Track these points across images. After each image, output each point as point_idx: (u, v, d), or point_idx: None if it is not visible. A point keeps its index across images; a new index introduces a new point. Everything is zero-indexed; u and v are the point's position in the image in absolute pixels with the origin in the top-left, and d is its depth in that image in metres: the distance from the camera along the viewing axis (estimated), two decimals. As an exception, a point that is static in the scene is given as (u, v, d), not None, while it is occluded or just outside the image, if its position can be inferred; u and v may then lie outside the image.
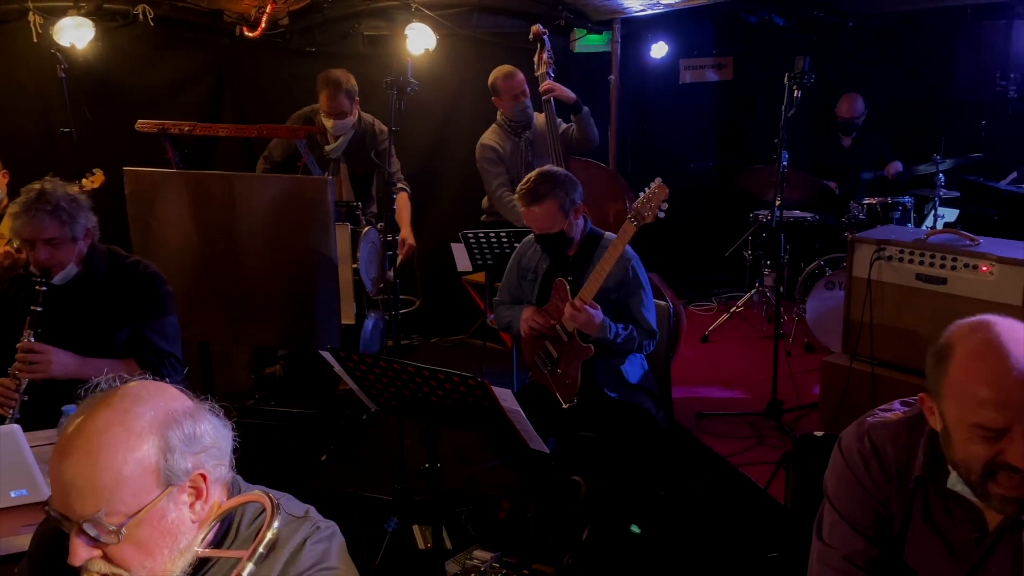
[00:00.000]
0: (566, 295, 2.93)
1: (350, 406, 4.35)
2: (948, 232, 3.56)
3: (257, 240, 3.67)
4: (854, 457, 1.58)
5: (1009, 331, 1.33)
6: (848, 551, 1.57)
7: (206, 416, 1.30)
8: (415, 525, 3.27)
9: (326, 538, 1.34)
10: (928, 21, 6.36)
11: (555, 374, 3.01)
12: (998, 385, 1.29)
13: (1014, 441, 1.29)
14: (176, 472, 1.23)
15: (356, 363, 2.35)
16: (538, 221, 2.97)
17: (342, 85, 4.22)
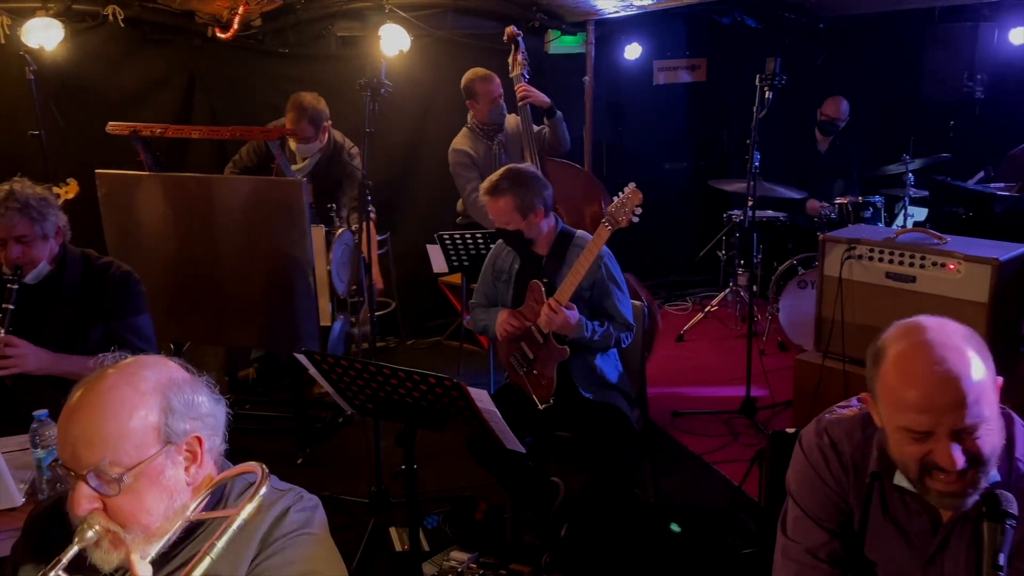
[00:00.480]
0: (541, 297, 2.94)
1: (325, 409, 4.33)
2: (917, 231, 3.62)
3: (234, 242, 3.65)
4: (814, 453, 1.62)
5: (938, 334, 1.36)
6: (810, 544, 1.61)
7: (203, 389, 1.41)
8: (392, 527, 3.27)
9: (309, 508, 1.44)
10: (897, 23, 6.46)
11: (531, 375, 3.02)
12: (922, 389, 1.32)
13: (939, 442, 1.33)
14: (175, 431, 1.33)
15: (331, 365, 2.35)
16: (495, 214, 3.00)
17: (307, 111, 4.18)
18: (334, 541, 1.49)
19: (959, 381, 1.31)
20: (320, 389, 4.53)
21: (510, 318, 3.03)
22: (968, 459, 1.32)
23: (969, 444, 1.33)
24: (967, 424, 1.31)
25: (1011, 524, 1.25)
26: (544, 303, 2.90)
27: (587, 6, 5.37)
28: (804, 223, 5.54)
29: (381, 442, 3.42)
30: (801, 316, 4.85)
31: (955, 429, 1.32)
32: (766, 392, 4.37)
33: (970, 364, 1.33)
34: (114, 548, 1.29)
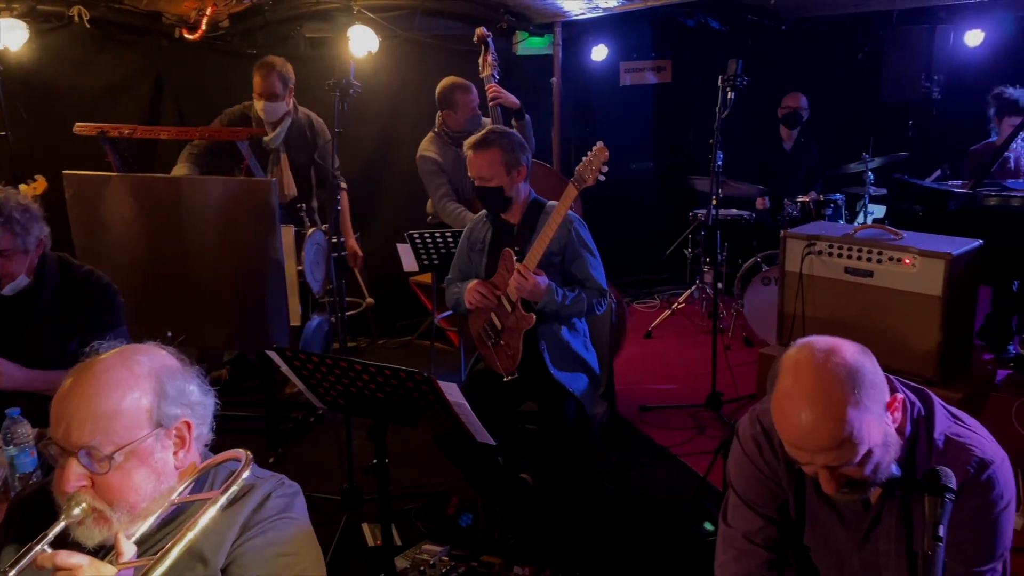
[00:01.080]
0: (512, 264, 2.97)
1: (297, 409, 4.35)
2: (875, 227, 3.72)
3: (203, 243, 3.66)
4: (748, 442, 1.71)
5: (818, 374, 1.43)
6: (747, 530, 1.69)
7: (195, 378, 1.46)
8: (364, 523, 3.30)
9: (290, 494, 1.50)
10: (856, 25, 6.61)
11: (498, 346, 3.06)
12: (795, 433, 1.43)
13: (819, 472, 1.45)
14: (167, 415, 1.38)
15: (303, 362, 2.38)
16: (479, 169, 3.01)
17: (275, 67, 4.21)
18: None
19: (827, 428, 1.40)
20: (292, 389, 4.57)
21: (479, 286, 3.07)
22: (846, 483, 1.43)
23: (848, 472, 1.43)
24: (836, 464, 1.42)
25: (950, 498, 1.33)
26: (514, 270, 2.94)
27: (554, 8, 5.44)
28: (768, 221, 5.66)
29: (353, 440, 3.46)
30: (765, 311, 4.96)
31: (827, 465, 1.42)
32: (731, 386, 4.46)
33: (842, 412, 1.40)
34: (98, 525, 1.33)
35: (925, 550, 1.27)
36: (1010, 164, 4.89)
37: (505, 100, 4.33)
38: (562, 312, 3.00)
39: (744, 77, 4.01)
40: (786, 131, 5.98)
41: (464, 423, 2.37)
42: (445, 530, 3.31)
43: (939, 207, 4.31)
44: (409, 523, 3.38)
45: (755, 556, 1.67)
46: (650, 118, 6.86)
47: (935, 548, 1.26)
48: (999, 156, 4.50)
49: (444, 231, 3.87)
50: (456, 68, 4.91)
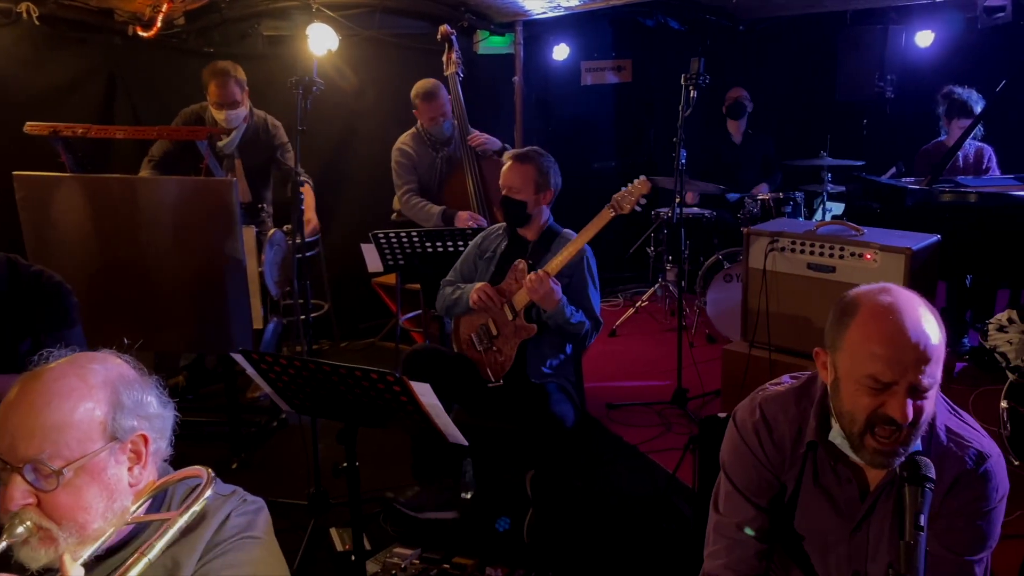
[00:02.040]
0: (521, 275, 3.02)
1: (259, 413, 4.27)
2: (836, 224, 3.78)
3: (162, 244, 3.57)
4: (747, 430, 1.68)
5: (907, 300, 1.47)
6: (740, 519, 1.68)
7: (153, 389, 1.37)
8: (332, 528, 3.25)
9: (252, 511, 1.41)
10: (812, 25, 6.71)
11: (490, 351, 3.09)
12: (894, 343, 1.42)
13: (896, 395, 1.42)
14: (122, 428, 1.29)
15: (269, 364, 2.33)
16: (511, 179, 3.10)
17: (231, 73, 4.15)
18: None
19: (929, 340, 1.42)
20: (253, 393, 4.49)
21: (487, 287, 3.11)
22: (913, 416, 1.42)
23: (919, 402, 1.43)
24: (924, 383, 1.41)
25: (930, 487, 1.34)
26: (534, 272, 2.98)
27: (515, 7, 5.43)
28: (729, 219, 5.72)
29: (319, 443, 3.40)
30: (727, 308, 5.01)
31: (913, 384, 1.41)
32: (696, 383, 4.49)
33: (935, 329, 1.44)
34: (43, 546, 1.24)
35: (907, 539, 1.27)
36: (959, 162, 5.01)
37: (490, 147, 4.35)
38: (565, 328, 3.05)
39: (706, 76, 4.04)
40: (733, 124, 6.10)
41: (437, 424, 2.34)
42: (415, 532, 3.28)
43: (896, 204, 4.40)
44: (378, 526, 3.34)
45: (747, 546, 1.66)
46: (611, 117, 6.89)
47: (917, 538, 1.27)
48: (952, 155, 4.60)
49: (410, 231, 3.83)
50: (417, 66, 4.88)
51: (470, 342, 3.15)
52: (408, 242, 3.80)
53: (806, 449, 1.61)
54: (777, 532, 1.68)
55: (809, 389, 1.65)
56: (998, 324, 2.74)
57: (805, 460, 1.63)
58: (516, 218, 3.16)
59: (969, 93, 4.82)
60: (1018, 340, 2.67)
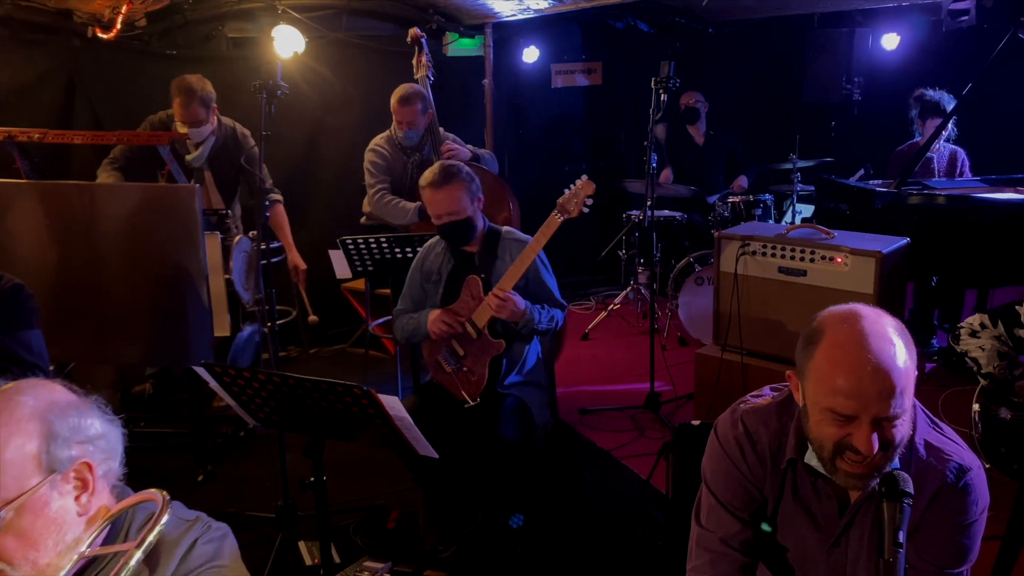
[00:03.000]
0: (479, 292, 2.96)
1: (227, 423, 4.19)
2: (806, 227, 3.78)
3: (121, 253, 3.48)
4: (730, 443, 1.65)
5: (873, 325, 1.42)
6: (724, 533, 1.65)
7: (93, 411, 1.31)
8: (301, 541, 3.18)
9: (218, 538, 1.36)
10: (779, 28, 6.76)
11: (460, 372, 3.02)
12: (855, 377, 1.38)
13: (861, 428, 1.39)
14: (59, 459, 1.23)
15: (233, 377, 2.26)
16: (445, 206, 2.96)
17: (196, 92, 4.03)
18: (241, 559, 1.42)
19: (889, 373, 1.37)
20: (220, 402, 4.39)
21: (444, 315, 3.01)
22: (881, 444, 1.39)
23: (886, 431, 1.39)
24: (889, 414, 1.38)
25: (908, 503, 1.32)
26: (481, 298, 2.92)
27: (484, 9, 5.39)
28: (700, 222, 5.72)
29: (286, 454, 3.32)
30: (699, 312, 5.01)
31: (877, 417, 1.38)
32: (669, 386, 4.48)
33: (901, 358, 1.39)
34: None
35: (886, 557, 1.25)
36: (933, 165, 5.05)
37: (459, 156, 4.30)
38: (537, 330, 3.00)
39: (676, 79, 4.03)
40: (692, 128, 6.10)
41: (406, 437, 2.29)
42: (386, 545, 3.22)
43: (865, 206, 4.41)
44: (347, 539, 3.28)
45: (731, 560, 1.64)
46: (582, 120, 6.87)
47: (896, 555, 1.24)
48: (922, 156, 4.63)
49: (378, 236, 3.77)
50: (386, 69, 4.83)
51: (438, 366, 3.09)
52: (377, 248, 3.74)
53: (786, 465, 1.59)
54: (763, 544, 1.65)
55: (790, 404, 1.62)
56: (970, 329, 2.73)
57: (785, 475, 1.60)
58: (465, 238, 3.06)
59: (940, 94, 4.86)
60: (990, 346, 2.66)
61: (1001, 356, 2.67)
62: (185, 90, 4.02)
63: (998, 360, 2.67)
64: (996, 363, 2.66)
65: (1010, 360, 2.67)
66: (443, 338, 3.04)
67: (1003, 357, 2.67)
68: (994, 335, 2.64)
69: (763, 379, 3.51)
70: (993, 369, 2.65)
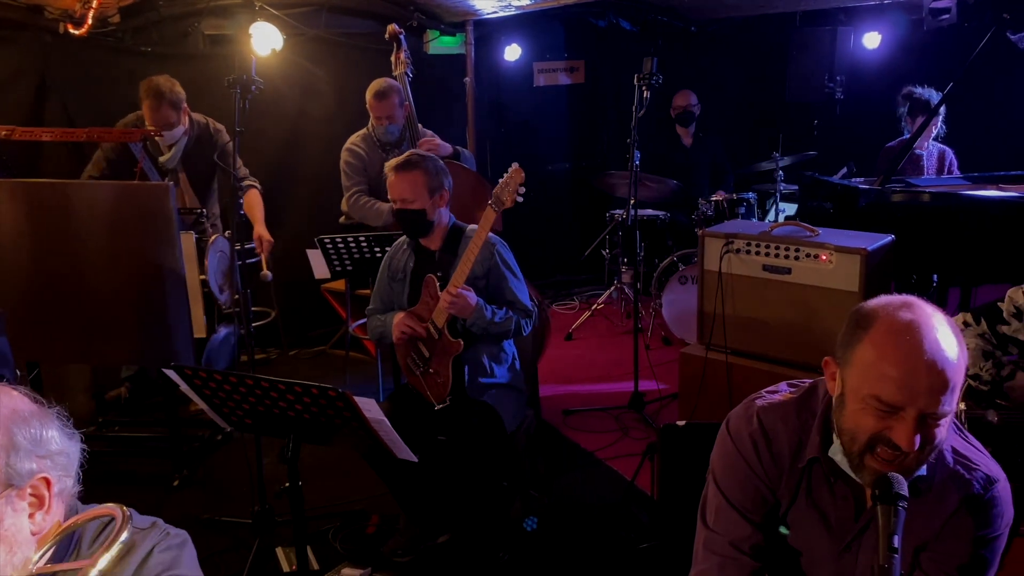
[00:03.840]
0: (436, 291, 2.89)
1: (202, 427, 4.11)
2: (790, 225, 3.74)
3: (95, 252, 3.41)
4: (743, 440, 1.56)
5: (929, 318, 1.35)
6: (734, 537, 1.55)
7: (54, 422, 1.24)
8: (278, 547, 3.11)
9: (176, 545, 1.30)
10: (762, 27, 6.73)
11: (427, 374, 2.96)
12: (908, 366, 1.31)
13: (904, 421, 1.32)
14: (18, 473, 1.17)
15: (204, 380, 2.19)
16: (401, 191, 2.91)
17: (165, 96, 3.93)
18: (217, 566, 1.36)
19: (945, 370, 1.30)
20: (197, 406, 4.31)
21: (406, 319, 2.96)
22: (921, 443, 1.32)
23: (929, 429, 1.33)
24: (937, 411, 1.31)
25: (903, 506, 1.26)
26: (438, 297, 2.87)
27: (465, 6, 5.33)
28: (683, 221, 5.69)
29: (264, 459, 3.25)
30: (683, 311, 4.97)
31: (924, 412, 1.31)
32: (654, 386, 4.44)
33: (957, 356, 1.33)
34: None
35: (880, 563, 1.19)
36: (922, 163, 5.03)
37: (437, 151, 4.24)
38: (491, 330, 2.93)
39: (659, 75, 3.99)
40: (682, 129, 6.07)
41: (383, 440, 2.23)
42: (365, 550, 3.15)
43: (849, 204, 4.39)
44: (327, 544, 3.21)
45: (741, 565, 1.54)
46: (564, 119, 6.83)
47: (891, 560, 1.19)
48: (906, 153, 4.61)
49: (357, 235, 3.70)
50: (365, 67, 4.76)
51: (408, 368, 3.04)
52: (356, 247, 3.67)
53: (806, 464, 1.51)
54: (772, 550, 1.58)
55: (810, 400, 1.55)
56: None
57: (803, 475, 1.52)
58: (417, 229, 2.99)
59: (930, 92, 4.84)
60: (975, 345, 2.62)
61: (985, 356, 2.63)
62: (154, 93, 3.92)
63: (983, 361, 2.64)
64: (982, 363, 2.63)
65: (996, 360, 2.63)
66: (406, 340, 2.98)
67: (987, 357, 2.64)
68: (978, 333, 2.60)
69: (748, 378, 3.49)
70: (980, 370, 2.62)
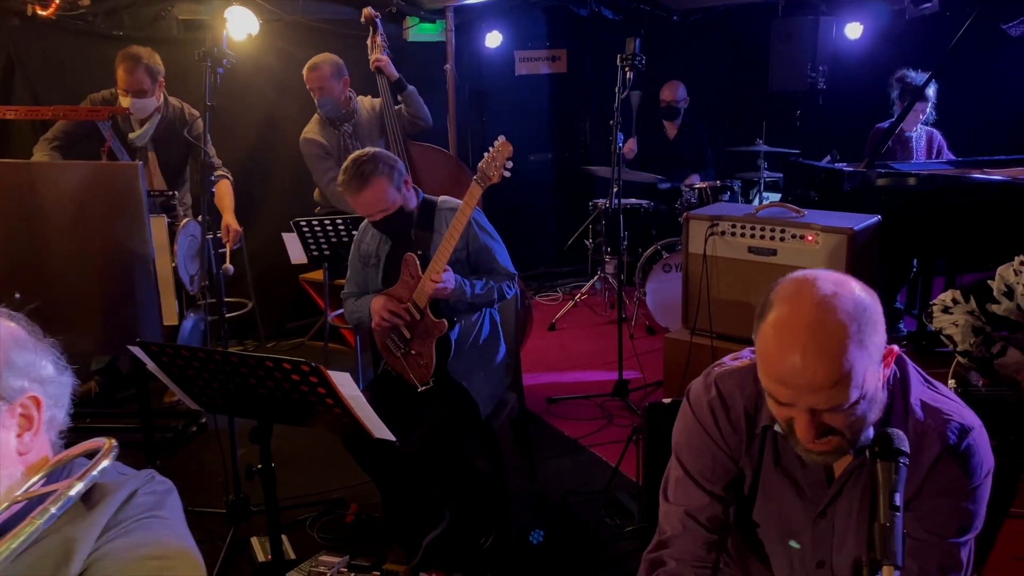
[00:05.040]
0: (417, 271, 2.80)
1: (176, 418, 4.00)
2: (776, 206, 3.70)
3: (63, 235, 3.28)
4: (702, 408, 1.52)
5: (822, 305, 1.27)
6: (689, 507, 1.51)
7: (49, 354, 1.27)
8: (253, 537, 3.02)
9: (161, 491, 1.26)
10: (744, 16, 6.71)
11: (409, 355, 2.86)
12: (785, 365, 1.26)
13: (799, 414, 1.29)
14: (10, 387, 1.18)
15: (171, 357, 2.10)
16: (372, 205, 2.79)
17: (142, 59, 3.85)
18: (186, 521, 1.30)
19: (825, 366, 1.24)
20: (171, 398, 4.21)
21: (386, 303, 2.84)
22: (826, 431, 1.29)
23: (829, 419, 1.28)
24: (825, 407, 1.27)
25: (904, 462, 1.20)
26: (419, 276, 2.77)
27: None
28: (666, 210, 5.64)
29: (239, 449, 3.15)
30: (667, 299, 4.92)
31: (812, 408, 1.27)
32: (638, 374, 4.38)
33: (843, 347, 1.24)
34: None
35: (882, 521, 1.13)
36: (911, 145, 4.99)
37: (385, 67, 4.12)
38: (475, 303, 2.86)
39: (642, 56, 3.92)
40: (668, 122, 6.03)
41: (360, 419, 2.14)
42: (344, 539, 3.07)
43: (835, 188, 4.35)
44: (304, 534, 3.12)
45: (694, 536, 1.49)
46: (546, 108, 6.75)
47: (893, 519, 1.12)
48: (891, 135, 4.57)
49: (334, 218, 3.61)
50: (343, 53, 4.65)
51: (388, 349, 2.94)
52: (333, 230, 3.59)
53: (762, 431, 1.47)
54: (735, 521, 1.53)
55: None
56: (943, 305, 2.63)
57: (764, 441, 1.48)
58: (402, 227, 2.88)
59: (922, 77, 4.79)
60: (964, 321, 2.57)
61: (975, 332, 2.58)
62: (131, 56, 3.83)
63: (973, 336, 2.58)
64: (972, 339, 2.57)
65: (986, 336, 2.58)
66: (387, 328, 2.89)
67: (977, 333, 2.58)
68: (967, 311, 2.55)
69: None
70: (970, 346, 2.56)
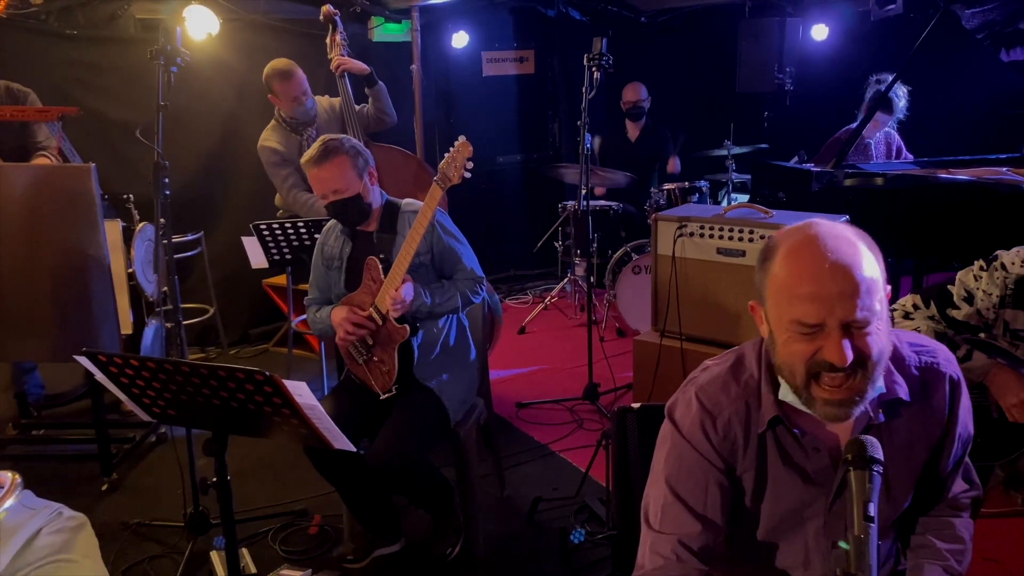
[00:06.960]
0: (379, 275, 2.71)
1: (134, 428, 3.89)
2: (744, 207, 3.67)
3: (14, 240, 3.17)
4: (690, 426, 1.44)
5: (829, 229, 1.33)
6: (682, 533, 1.41)
7: None
8: (213, 551, 2.92)
9: (69, 529, 1.17)
10: (711, 17, 6.71)
11: (371, 362, 2.78)
12: (813, 278, 1.27)
13: (830, 336, 1.27)
14: None
15: (120, 367, 2.01)
16: (330, 183, 2.70)
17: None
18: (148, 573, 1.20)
19: (850, 271, 1.26)
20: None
21: (349, 315, 2.74)
22: (856, 357, 1.27)
23: (859, 340, 1.27)
24: (858, 317, 1.26)
25: (877, 471, 1.16)
26: (381, 281, 2.69)
27: (410, -10, 5.19)
28: (635, 212, 5.61)
29: (197, 460, 3.05)
30: (636, 301, 4.88)
31: (845, 321, 1.26)
32: (608, 377, 4.33)
33: (861, 257, 1.29)
34: None
35: (856, 533, 1.08)
36: (871, 151, 5.01)
37: (352, 67, 4.04)
38: (436, 311, 2.78)
39: (609, 56, 3.88)
40: (631, 123, 6.01)
41: (318, 429, 2.06)
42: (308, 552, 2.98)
43: (802, 190, 4.34)
44: (266, 546, 3.03)
45: (686, 567, 1.39)
46: (514, 110, 6.70)
47: (867, 530, 1.08)
48: (856, 137, 4.57)
49: (295, 221, 3.52)
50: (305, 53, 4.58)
51: (350, 356, 2.86)
52: (295, 234, 3.50)
53: (767, 427, 1.41)
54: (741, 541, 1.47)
55: (743, 362, 1.46)
56: (903, 311, 2.61)
57: (764, 442, 1.42)
58: (356, 217, 2.80)
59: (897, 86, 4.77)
60: (926, 327, 2.55)
61: (938, 336, 2.56)
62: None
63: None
64: None
65: (949, 340, 2.56)
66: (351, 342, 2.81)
67: (940, 337, 2.56)
68: (928, 315, 2.53)
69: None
70: None
